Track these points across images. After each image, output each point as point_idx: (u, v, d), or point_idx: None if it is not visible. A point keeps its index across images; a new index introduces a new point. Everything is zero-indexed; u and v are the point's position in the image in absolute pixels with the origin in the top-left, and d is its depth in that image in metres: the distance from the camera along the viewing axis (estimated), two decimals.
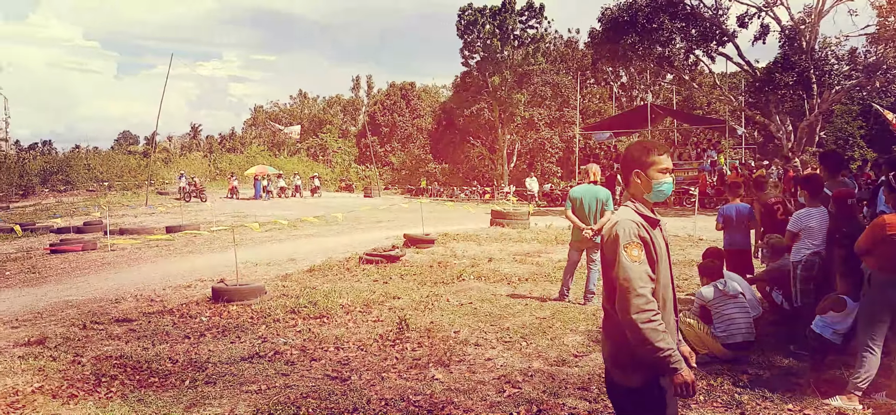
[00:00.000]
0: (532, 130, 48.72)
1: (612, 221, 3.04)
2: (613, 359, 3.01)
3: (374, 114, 66.97)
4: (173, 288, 11.10)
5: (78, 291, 11.37)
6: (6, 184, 42.26)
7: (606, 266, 2.98)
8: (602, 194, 8.76)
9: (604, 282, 3.06)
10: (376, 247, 14.46)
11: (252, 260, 13.95)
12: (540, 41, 46.57)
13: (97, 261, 15.27)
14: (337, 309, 8.69)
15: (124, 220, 24.92)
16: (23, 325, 8.71)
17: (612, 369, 3.03)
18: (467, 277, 10.99)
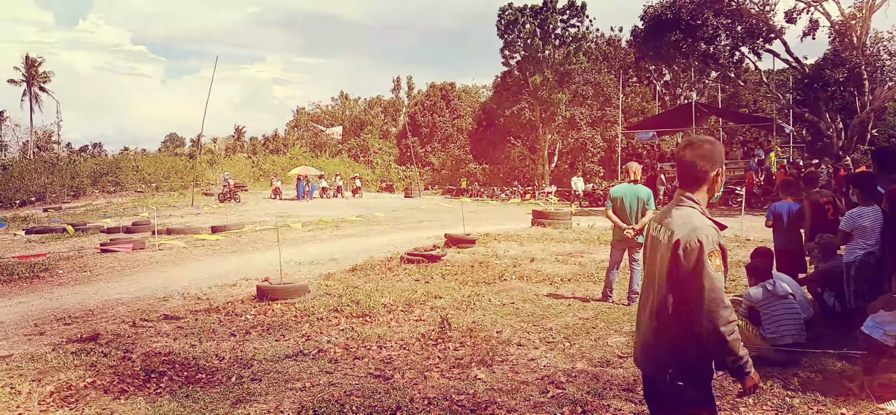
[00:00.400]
0: (573, 129, 48.40)
1: (689, 226, 2.89)
2: (677, 366, 2.92)
3: (414, 114, 67.18)
4: (219, 287, 11.28)
5: (128, 290, 11.62)
6: (59, 185, 43.45)
7: (679, 276, 2.87)
8: (643, 193, 8.64)
9: (668, 289, 2.93)
10: (417, 247, 14.49)
11: (295, 259, 14.10)
12: (581, 40, 46.22)
13: (146, 260, 15.59)
14: (379, 308, 8.73)
15: (171, 220, 25.40)
16: (76, 322, 8.94)
17: (672, 377, 2.93)
18: (509, 277, 10.94)
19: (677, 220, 2.94)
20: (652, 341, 3.00)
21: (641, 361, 3.13)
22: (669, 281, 2.90)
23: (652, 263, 3.08)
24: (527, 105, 48.95)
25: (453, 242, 14.86)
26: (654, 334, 2.99)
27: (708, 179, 2.97)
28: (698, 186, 2.98)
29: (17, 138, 73.01)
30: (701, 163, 2.96)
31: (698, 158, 2.97)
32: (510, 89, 49.53)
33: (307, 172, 41.73)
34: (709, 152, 2.98)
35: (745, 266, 7.45)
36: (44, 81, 70.88)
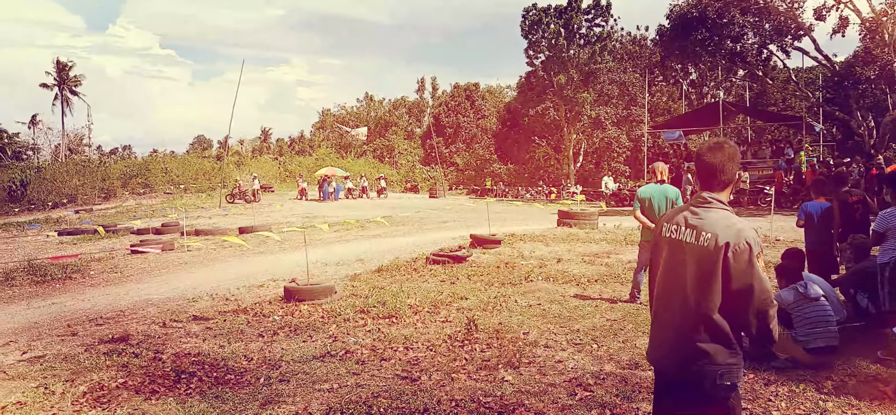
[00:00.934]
0: (599, 128, 48.11)
1: (733, 228, 2.92)
2: (727, 368, 2.94)
3: (438, 115, 67.25)
4: (247, 288, 11.37)
5: (157, 290, 11.76)
6: (90, 187, 44.14)
7: (728, 278, 2.88)
8: (671, 193, 8.55)
9: (712, 291, 2.92)
10: (443, 247, 14.49)
11: (322, 260, 14.17)
12: (606, 39, 45.87)
13: (175, 261, 15.77)
14: (405, 309, 8.73)
15: (199, 221, 25.67)
16: (107, 322, 9.06)
17: (722, 378, 2.94)
18: (535, 278, 10.89)
19: (717, 222, 2.95)
20: (692, 346, 2.94)
21: (676, 366, 3.05)
22: (714, 283, 2.89)
23: (677, 266, 3.05)
24: (551, 105, 48.72)
25: (479, 242, 14.83)
26: (695, 339, 2.94)
27: (733, 182, 3.06)
28: (723, 188, 3.05)
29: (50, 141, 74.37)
30: (729, 165, 3.03)
31: (727, 160, 3.03)
32: (535, 89, 49.34)
33: (333, 172, 41.94)
34: (734, 154, 3.07)
35: (775, 267, 7.33)
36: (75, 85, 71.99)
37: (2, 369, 6.80)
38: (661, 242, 3.20)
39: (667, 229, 3.15)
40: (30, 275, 13.94)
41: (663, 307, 3.14)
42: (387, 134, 69.53)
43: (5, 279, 13.58)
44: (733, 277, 2.85)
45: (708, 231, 2.94)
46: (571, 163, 47.51)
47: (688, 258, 2.99)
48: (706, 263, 2.92)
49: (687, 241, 3.01)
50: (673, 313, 3.05)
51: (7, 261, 17.36)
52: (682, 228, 3.05)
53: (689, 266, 2.98)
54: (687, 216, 3.07)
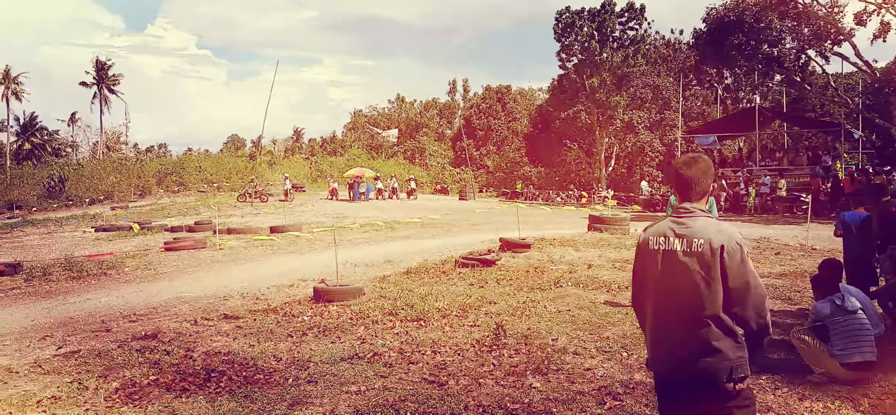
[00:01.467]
0: (631, 133, 47.70)
1: (723, 232, 3.12)
2: (738, 365, 3.09)
3: (469, 117, 67.26)
4: (277, 287, 11.46)
5: (190, 288, 11.91)
6: (126, 185, 44.92)
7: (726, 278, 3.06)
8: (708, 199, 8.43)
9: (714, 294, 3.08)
10: (472, 250, 14.45)
11: (351, 261, 14.23)
12: (640, 43, 45.52)
13: (207, 259, 15.97)
14: (433, 312, 8.72)
15: (232, 220, 25.96)
16: (140, 319, 9.19)
17: (735, 378, 3.08)
18: (565, 284, 10.81)
19: (706, 228, 3.15)
20: (706, 346, 3.06)
21: (690, 368, 3.12)
22: (716, 285, 3.06)
23: (675, 275, 3.16)
24: (583, 108, 48.44)
25: (508, 246, 14.77)
26: (708, 338, 3.07)
27: (707, 192, 3.31)
28: (699, 199, 3.28)
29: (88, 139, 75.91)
30: (703, 178, 3.28)
31: (701, 174, 3.29)
32: (567, 92, 49.10)
33: (362, 173, 42.13)
34: (707, 168, 3.31)
35: (811, 279, 7.17)
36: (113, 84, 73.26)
37: (38, 364, 6.93)
38: (648, 254, 3.30)
39: (654, 242, 3.27)
40: (66, 271, 14.23)
41: (665, 315, 3.22)
42: (417, 135, 69.70)
43: (43, 275, 13.87)
44: (730, 276, 3.04)
45: (700, 237, 3.12)
46: (603, 167, 47.18)
47: (685, 266, 3.12)
48: (706, 267, 3.07)
49: (679, 249, 3.16)
50: (679, 319, 3.14)
51: (45, 256, 17.73)
52: (672, 239, 3.19)
53: (689, 273, 3.11)
54: (673, 227, 3.22)
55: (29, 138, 69.04)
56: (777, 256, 14.00)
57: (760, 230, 19.41)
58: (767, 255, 14.14)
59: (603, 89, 44.75)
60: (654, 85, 47.11)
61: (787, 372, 6.17)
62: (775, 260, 13.41)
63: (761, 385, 5.88)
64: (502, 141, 64.43)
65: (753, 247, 15.39)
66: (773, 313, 8.73)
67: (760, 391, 5.73)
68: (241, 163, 53.62)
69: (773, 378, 6.05)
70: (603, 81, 44.60)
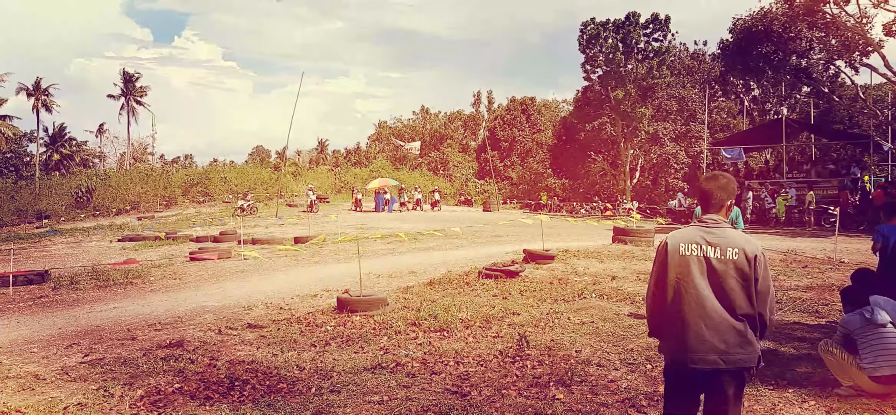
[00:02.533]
0: (656, 144, 47.35)
1: (751, 242, 3.65)
2: (758, 356, 3.66)
3: (493, 128, 67.22)
4: (300, 297, 11.52)
5: (214, 297, 12.02)
6: (152, 195, 45.48)
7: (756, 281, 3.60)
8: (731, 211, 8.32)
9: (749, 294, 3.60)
10: (496, 262, 14.43)
11: (374, 271, 14.27)
12: (665, 54, 45.23)
13: (231, 269, 16.10)
14: (457, 323, 8.72)
15: (256, 230, 26.17)
16: (165, 328, 9.29)
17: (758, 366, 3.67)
18: (589, 295, 10.76)
19: (737, 238, 3.65)
20: (738, 341, 3.58)
21: (730, 362, 3.59)
22: (751, 287, 3.59)
23: (709, 278, 3.61)
24: (608, 120, 48.21)
25: (532, 257, 14.73)
26: (743, 335, 3.59)
27: (724, 205, 3.77)
28: (718, 210, 3.76)
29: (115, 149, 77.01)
30: (720, 193, 3.77)
31: (718, 189, 3.78)
32: (591, 104, 48.88)
33: (386, 184, 42.28)
34: (726, 184, 3.80)
35: (840, 291, 7.06)
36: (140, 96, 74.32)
37: (64, 371, 7.03)
38: (679, 259, 3.69)
39: (685, 248, 3.68)
40: (93, 279, 14.43)
41: (701, 314, 3.61)
42: (442, 147, 69.83)
43: (70, 283, 14.07)
44: (760, 279, 3.59)
45: (734, 246, 3.61)
46: (628, 179, 46.89)
47: (721, 271, 3.59)
48: (742, 272, 3.58)
49: (713, 256, 3.62)
50: (721, 318, 3.58)
51: (72, 265, 18.00)
52: (704, 246, 3.64)
53: (726, 278, 3.58)
54: (704, 235, 3.67)
55: (58, 149, 70.25)
56: (805, 269, 13.81)
57: (788, 243, 19.17)
58: (794, 268, 13.96)
59: (628, 101, 44.53)
60: (679, 96, 46.79)
61: (816, 385, 6.08)
62: (802, 273, 13.23)
63: (788, 398, 5.80)
64: (526, 153, 64.30)
65: (780, 259, 15.19)
66: (801, 326, 8.62)
67: (787, 405, 5.66)
68: (265, 174, 54.04)
69: (800, 391, 5.97)
70: (628, 93, 44.38)
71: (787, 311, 9.48)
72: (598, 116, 48.39)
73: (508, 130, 65.53)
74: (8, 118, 61.67)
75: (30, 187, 50.26)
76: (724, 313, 3.58)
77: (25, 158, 66.98)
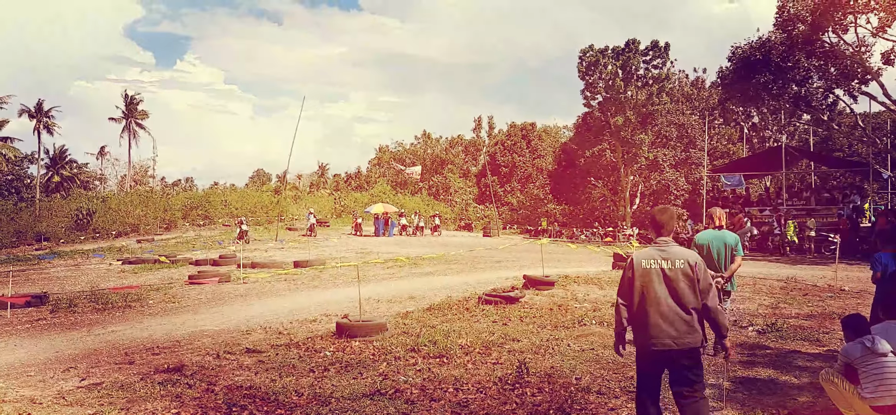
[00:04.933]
0: (656, 171, 47.49)
1: (693, 254, 4.98)
2: (704, 338, 4.93)
3: (494, 154, 67.41)
4: (299, 322, 11.48)
5: (213, 321, 11.97)
6: (152, 217, 45.42)
7: (698, 281, 4.88)
8: (730, 239, 8.30)
9: (694, 292, 4.86)
10: (495, 287, 14.40)
11: (374, 296, 14.24)
12: (665, 81, 45.45)
13: (231, 293, 16.05)
14: (456, 349, 8.68)
15: (256, 254, 26.12)
16: (163, 352, 9.24)
17: (703, 345, 4.93)
18: (589, 322, 10.72)
19: (683, 253, 4.94)
20: (687, 329, 4.82)
21: (681, 344, 4.81)
22: (695, 288, 4.85)
23: (666, 284, 4.87)
24: (608, 146, 48.37)
25: (532, 283, 14.70)
26: (690, 324, 4.83)
27: (673, 231, 5.18)
28: (669, 234, 5.05)
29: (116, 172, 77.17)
30: (671, 222, 5.14)
31: (669, 219, 5.13)
32: (591, 130, 49.05)
33: (387, 209, 42.31)
34: (674, 215, 5.23)
35: (841, 320, 7.03)
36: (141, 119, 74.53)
37: (61, 395, 6.99)
38: (642, 271, 4.93)
39: (646, 263, 4.94)
40: (92, 302, 14.38)
41: (662, 311, 4.84)
42: (443, 171, 69.96)
43: (68, 306, 14.02)
44: (701, 279, 4.85)
45: (679, 258, 4.88)
46: (628, 205, 46.95)
47: (672, 278, 4.85)
48: (688, 276, 4.84)
49: (666, 267, 4.87)
50: (673, 312, 4.82)
51: (71, 288, 17.95)
52: (659, 261, 4.90)
53: (677, 282, 4.84)
54: (659, 252, 4.93)
55: (58, 171, 70.29)
56: (805, 296, 13.78)
57: (788, 270, 19.14)
58: (795, 295, 13.92)
59: (627, 127, 44.70)
60: (679, 123, 47.00)
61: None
62: (803, 301, 13.19)
63: None
64: (527, 178, 64.43)
65: (780, 287, 15.16)
66: (802, 354, 8.57)
67: None
68: (265, 197, 54.07)
69: None
70: (627, 119, 44.55)
71: (787, 339, 9.44)
72: (599, 142, 48.57)
73: (509, 155, 65.73)
74: (9, 140, 61.74)
75: (30, 209, 50.20)
76: (677, 309, 4.81)
77: (26, 179, 66.95)
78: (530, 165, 65.34)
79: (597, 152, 48.94)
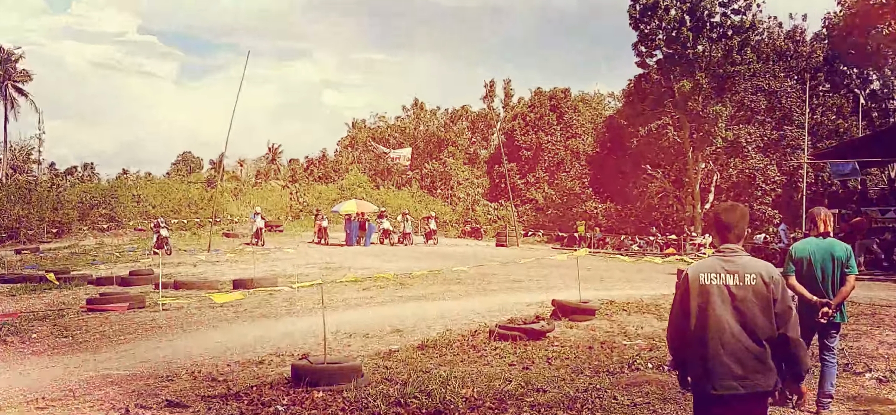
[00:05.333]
0: (737, 156, 47.48)
1: (769, 267, 4.99)
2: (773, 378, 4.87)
3: (512, 132, 67.40)
4: (241, 364, 11.46)
5: (121, 363, 11.95)
6: (37, 219, 45.36)
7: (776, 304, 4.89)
8: (840, 251, 8.25)
9: (768, 317, 4.86)
10: (513, 317, 14.41)
11: (344, 329, 14.23)
12: (749, 31, 45.38)
13: (146, 323, 16.04)
14: (458, 403, 8.67)
15: (181, 270, 26.13)
16: (51, 406, 9.22)
17: (777, 386, 4.94)
18: (643, 366, 10.71)
19: (755, 264, 4.96)
20: (757, 366, 4.81)
21: (748, 387, 4.80)
22: (770, 312, 4.85)
23: (732, 306, 4.87)
24: (671, 121, 48.39)
25: (564, 311, 14.70)
26: (762, 360, 4.82)
27: (743, 236, 5.12)
28: (738, 240, 5.05)
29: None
30: (741, 223, 5.10)
31: (739, 219, 5.11)
32: (647, 99, 48.99)
33: (363, 208, 42.30)
34: (745, 214, 5.20)
35: None
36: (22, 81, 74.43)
37: None
38: (697, 289, 4.95)
39: (705, 278, 4.94)
40: None
41: (725, 341, 4.84)
42: (441, 155, 69.98)
43: None
44: (779, 300, 4.84)
45: (751, 272, 4.88)
46: (697, 203, 46.94)
47: (740, 298, 4.86)
48: (761, 296, 4.83)
49: (733, 283, 4.88)
50: (740, 344, 4.82)
51: None
52: (723, 275, 4.90)
53: (747, 304, 4.85)
54: (723, 264, 4.95)
55: None
56: None
57: None
58: None
59: (698, 95, 44.67)
60: (768, 90, 46.98)
61: None
62: None
63: None
64: (557, 165, 64.48)
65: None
66: None
67: None
68: (195, 191, 54.11)
69: None
70: (698, 84, 44.50)
71: None
72: (658, 115, 48.57)
73: (532, 133, 65.76)
74: None
75: None
76: (744, 339, 4.82)
77: None
78: (562, 147, 65.39)
79: (655, 130, 48.96)
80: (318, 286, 18.50)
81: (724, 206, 5.24)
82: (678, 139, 48.03)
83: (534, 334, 12.55)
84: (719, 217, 5.13)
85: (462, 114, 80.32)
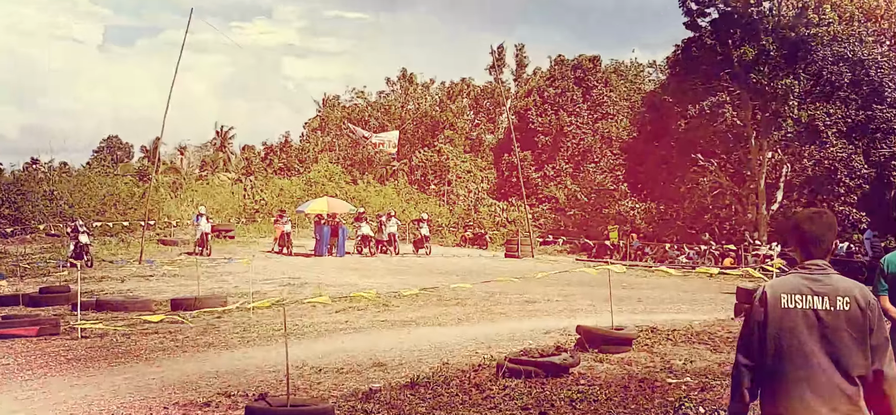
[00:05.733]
0: (813, 143, 47.51)
1: (863, 290, 4.82)
2: None
3: (526, 111, 67.48)
4: (181, 406, 11.48)
5: (23, 407, 11.93)
6: None
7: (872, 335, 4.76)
8: None
9: (867, 350, 4.73)
10: (527, 347, 14.42)
11: (313, 362, 14.24)
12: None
13: (60, 355, 16.02)
14: None
15: (105, 285, 26.09)
16: None
17: None
18: (692, 410, 10.73)
19: (848, 286, 4.82)
20: (849, 409, 4.68)
21: None
22: (865, 344, 4.73)
23: (827, 333, 4.76)
24: (728, 98, 48.41)
25: (592, 341, 14.72)
26: (854, 402, 4.70)
27: (830, 250, 5.00)
28: (825, 255, 4.95)
29: None
30: (828, 234, 4.99)
31: (827, 230, 5.00)
32: (698, 70, 49.01)
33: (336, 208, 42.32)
34: (833, 223, 5.06)
35: None
36: None
37: None
38: (779, 314, 4.86)
39: (788, 300, 4.85)
40: None
41: (812, 377, 4.74)
42: (435, 142, 70.00)
43: None
44: (875, 329, 4.74)
45: (843, 295, 4.77)
46: (763, 202, 46.97)
47: (831, 327, 4.74)
48: (855, 324, 4.72)
49: (822, 308, 4.77)
50: (831, 382, 4.72)
51: None
52: (810, 298, 4.80)
53: (839, 334, 4.73)
54: (809, 284, 4.84)
55: None
56: None
57: None
58: None
59: (763, 65, 44.70)
60: (853, 59, 47.05)
61: None
62: None
63: None
64: (583, 154, 64.52)
65: None
66: None
67: None
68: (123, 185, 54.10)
69: None
70: (763, 51, 44.55)
71: None
72: (711, 91, 48.57)
73: (552, 113, 65.81)
74: None
75: None
76: (834, 375, 4.71)
77: None
78: (589, 131, 65.43)
79: (708, 109, 48.95)
80: (279, 307, 18.53)
81: (807, 213, 5.18)
82: (738, 121, 48.05)
83: (553, 370, 12.56)
84: (802, 228, 5.04)
85: (462, 89, 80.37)
